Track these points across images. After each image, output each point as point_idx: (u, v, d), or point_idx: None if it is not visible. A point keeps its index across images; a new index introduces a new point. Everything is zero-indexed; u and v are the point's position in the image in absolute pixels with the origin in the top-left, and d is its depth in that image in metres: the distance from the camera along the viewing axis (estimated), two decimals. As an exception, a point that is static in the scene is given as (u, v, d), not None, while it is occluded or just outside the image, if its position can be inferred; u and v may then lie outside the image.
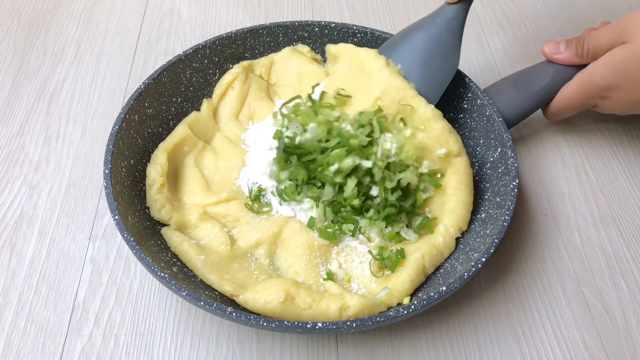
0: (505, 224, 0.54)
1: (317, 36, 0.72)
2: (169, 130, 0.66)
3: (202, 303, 0.48)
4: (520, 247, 0.62)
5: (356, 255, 0.59)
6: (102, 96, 0.77)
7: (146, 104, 0.64)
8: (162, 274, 0.49)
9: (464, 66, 0.74)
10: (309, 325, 0.48)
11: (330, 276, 0.57)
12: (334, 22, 0.71)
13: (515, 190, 0.56)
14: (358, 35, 0.71)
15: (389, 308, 0.54)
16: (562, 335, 0.56)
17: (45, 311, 0.57)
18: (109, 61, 0.81)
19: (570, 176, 0.69)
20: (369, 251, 0.58)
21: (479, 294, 0.59)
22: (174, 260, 0.56)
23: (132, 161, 0.61)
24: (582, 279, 0.60)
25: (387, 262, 0.57)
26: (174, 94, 0.68)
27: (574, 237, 0.64)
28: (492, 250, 0.52)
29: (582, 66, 0.64)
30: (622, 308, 0.58)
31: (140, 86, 0.63)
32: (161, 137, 0.65)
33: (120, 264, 0.60)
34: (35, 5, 0.89)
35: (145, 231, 0.56)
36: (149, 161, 0.63)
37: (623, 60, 0.60)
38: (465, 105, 0.67)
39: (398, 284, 0.55)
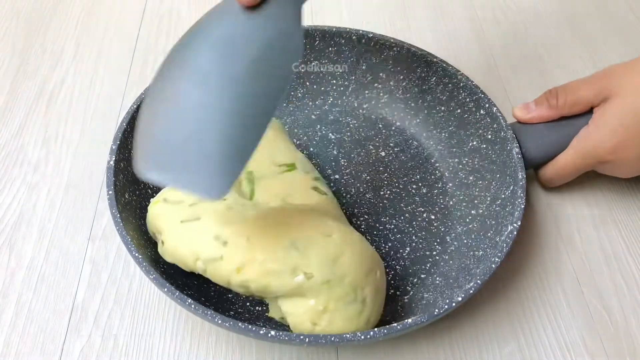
0: (494, 265, 0.52)
1: (314, 38, 0.71)
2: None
3: (208, 315, 0.48)
4: (519, 247, 0.62)
5: None
6: (102, 96, 0.77)
7: None
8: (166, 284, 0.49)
9: (464, 66, 0.73)
10: (322, 340, 0.46)
11: None
12: (327, 26, 0.71)
13: (514, 232, 0.54)
14: (354, 38, 0.71)
15: None
16: (562, 335, 0.56)
17: (44, 311, 0.57)
18: (108, 61, 0.81)
19: (570, 176, 0.69)
20: None
21: (478, 294, 0.59)
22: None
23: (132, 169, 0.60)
24: (582, 279, 0.60)
25: None
26: None
27: (574, 238, 0.64)
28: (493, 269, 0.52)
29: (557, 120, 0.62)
30: (622, 308, 0.58)
31: (142, 95, 0.63)
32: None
33: (119, 264, 0.60)
34: (34, 5, 0.89)
35: (146, 241, 0.56)
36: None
37: (619, 116, 0.57)
38: (490, 136, 0.64)
39: None
